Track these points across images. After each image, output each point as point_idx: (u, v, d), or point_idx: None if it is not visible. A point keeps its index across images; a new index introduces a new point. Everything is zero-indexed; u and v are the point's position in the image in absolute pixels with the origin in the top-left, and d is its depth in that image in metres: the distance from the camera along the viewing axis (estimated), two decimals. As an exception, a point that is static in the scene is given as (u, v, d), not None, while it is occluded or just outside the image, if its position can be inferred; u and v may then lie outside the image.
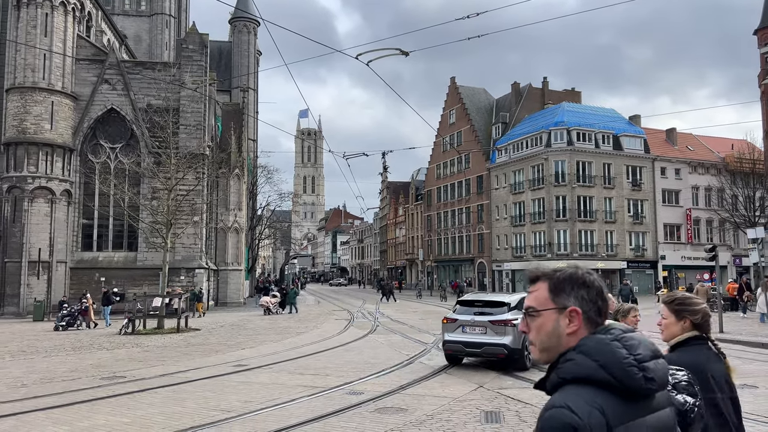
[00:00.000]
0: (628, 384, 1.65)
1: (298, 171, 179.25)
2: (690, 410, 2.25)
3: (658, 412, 1.74)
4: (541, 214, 55.39)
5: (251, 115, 55.69)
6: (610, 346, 1.71)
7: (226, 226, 43.39)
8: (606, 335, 1.75)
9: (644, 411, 1.69)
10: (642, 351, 1.73)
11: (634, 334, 1.80)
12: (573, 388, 1.67)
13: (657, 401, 1.75)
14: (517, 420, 8.40)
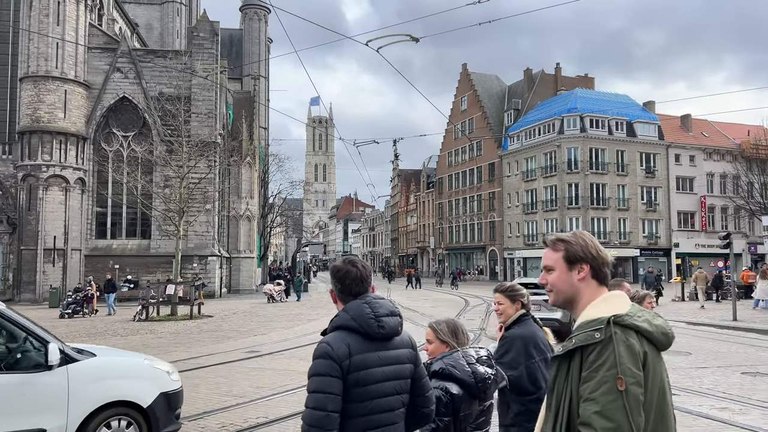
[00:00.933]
0: (366, 329, 2.64)
1: (310, 159, 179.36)
2: (487, 378, 3.09)
3: (395, 351, 2.72)
4: (553, 202, 55.08)
5: (262, 103, 55.71)
6: (361, 306, 2.70)
7: (238, 214, 43.60)
8: (361, 300, 2.74)
9: (380, 348, 2.67)
10: (382, 310, 2.70)
11: (381, 300, 2.76)
12: (335, 332, 2.69)
13: (395, 343, 2.74)
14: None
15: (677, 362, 12.10)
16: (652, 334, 1.97)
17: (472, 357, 3.16)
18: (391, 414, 2.72)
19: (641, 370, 1.89)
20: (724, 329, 17.89)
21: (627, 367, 1.86)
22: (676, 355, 12.93)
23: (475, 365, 3.12)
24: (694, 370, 11.28)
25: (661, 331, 2.00)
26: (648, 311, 2.06)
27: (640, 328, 1.96)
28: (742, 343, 15.03)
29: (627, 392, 1.83)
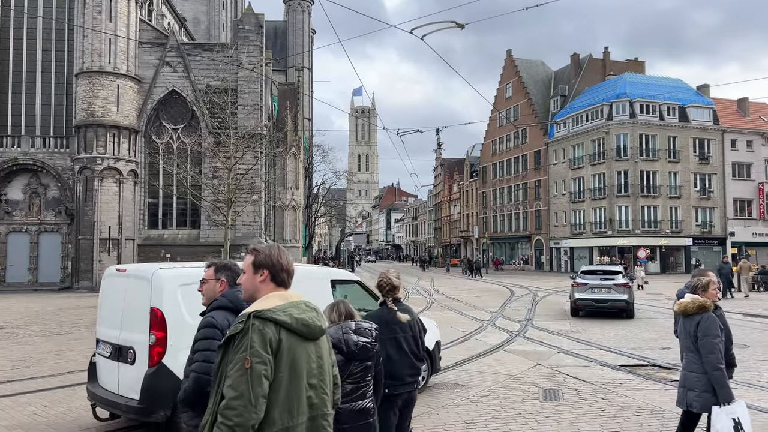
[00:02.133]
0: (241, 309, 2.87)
1: (352, 149, 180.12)
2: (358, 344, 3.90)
3: None
4: (601, 190, 53.79)
5: (306, 94, 56.18)
6: (236, 293, 3.72)
7: (284, 204, 44.24)
8: (235, 289, 3.78)
9: None
10: None
11: None
12: (217, 311, 3.86)
13: None
14: (577, 398, 8.28)
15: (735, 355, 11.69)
16: (291, 325, 2.48)
17: (349, 329, 3.97)
18: None
19: (270, 353, 2.41)
20: (784, 322, 17.16)
21: (256, 350, 2.38)
22: (734, 348, 12.48)
23: (349, 335, 3.94)
24: (753, 362, 10.90)
25: (302, 323, 2.52)
26: (300, 307, 2.56)
27: (278, 320, 2.46)
28: (804, 336, 14.40)
29: (252, 369, 2.36)
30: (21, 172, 37.00)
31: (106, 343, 6.76)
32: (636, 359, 11.32)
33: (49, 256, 35.80)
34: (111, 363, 6.60)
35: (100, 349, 6.91)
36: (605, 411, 7.60)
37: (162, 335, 6.06)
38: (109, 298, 7.07)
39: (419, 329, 5.01)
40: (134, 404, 6.07)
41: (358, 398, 3.92)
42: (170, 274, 6.48)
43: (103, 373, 6.83)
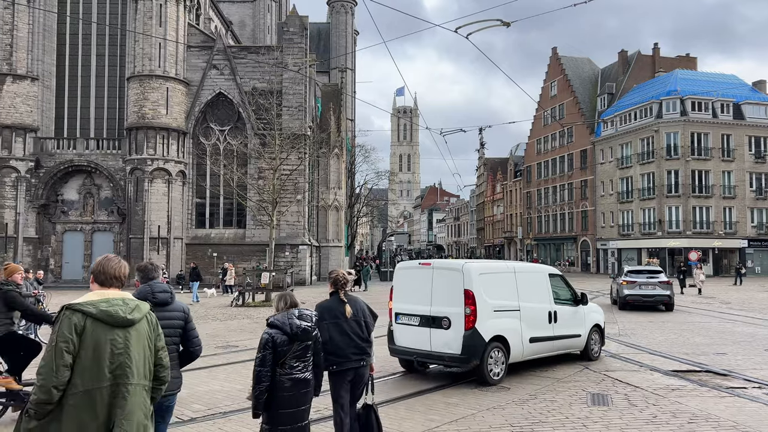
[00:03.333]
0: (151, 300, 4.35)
1: (394, 149, 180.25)
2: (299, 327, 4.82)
3: (171, 312, 4.63)
4: (650, 190, 52.27)
5: (349, 95, 56.57)
6: (145, 287, 4.70)
7: (327, 204, 44.66)
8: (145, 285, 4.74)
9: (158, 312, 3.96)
10: (157, 289, 4.65)
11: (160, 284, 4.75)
12: None
13: (172, 308, 4.68)
14: (627, 403, 8.06)
15: (794, 363, 11.18)
16: (95, 315, 3.24)
17: (293, 315, 4.92)
18: None
19: (73, 335, 3.16)
20: None
21: (61, 332, 3.16)
22: (793, 355, 11.95)
23: (293, 320, 4.88)
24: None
25: (106, 314, 3.27)
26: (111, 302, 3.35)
27: (84, 311, 3.23)
28: None
29: (55, 347, 3.13)
30: (76, 173, 38.48)
31: (412, 315, 9.55)
32: (689, 364, 10.94)
33: (102, 254, 37.02)
34: (422, 329, 9.37)
35: (402, 320, 9.73)
36: (657, 418, 7.37)
37: (473, 308, 8.97)
38: (409, 283, 9.86)
39: (363, 316, 5.90)
40: (456, 355, 8.98)
41: (300, 371, 4.87)
42: (474, 266, 9.48)
43: (408, 337, 9.59)
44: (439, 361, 9.43)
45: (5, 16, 36.61)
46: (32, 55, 37.54)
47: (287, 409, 4.78)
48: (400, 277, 10.15)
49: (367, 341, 5.88)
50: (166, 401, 4.63)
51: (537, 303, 10.12)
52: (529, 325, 9.79)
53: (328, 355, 5.53)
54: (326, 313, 5.78)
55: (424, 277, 9.57)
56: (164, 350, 3.59)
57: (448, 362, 9.34)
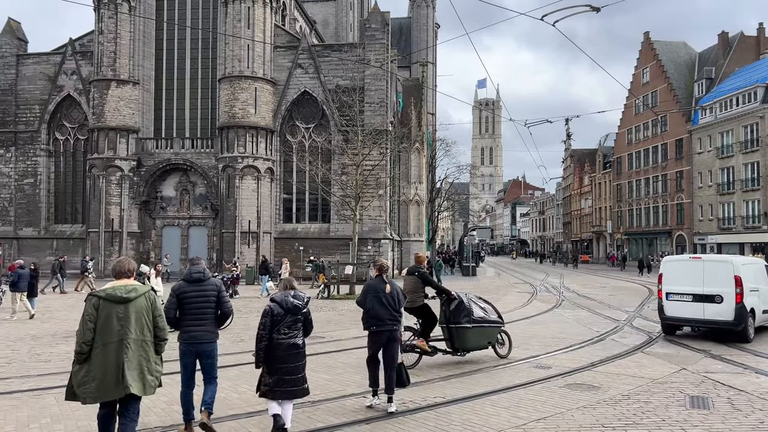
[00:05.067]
0: (188, 278, 6.69)
1: (476, 142, 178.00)
2: (292, 304, 6.47)
3: (205, 286, 6.66)
4: (754, 181, 48.59)
5: (430, 89, 56.41)
6: (186, 271, 6.88)
7: (408, 198, 44.81)
8: (188, 269, 6.88)
9: (197, 287, 6.62)
10: (194, 271, 6.70)
11: (196, 267, 6.79)
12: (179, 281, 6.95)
13: (206, 284, 6.67)
14: (730, 407, 7.60)
15: None
16: (104, 296, 5.27)
17: (289, 294, 6.56)
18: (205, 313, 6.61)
19: (93, 311, 5.22)
20: None
21: (86, 310, 5.25)
22: None
23: (288, 298, 6.50)
24: None
25: (110, 295, 5.26)
26: (117, 287, 5.34)
27: (98, 295, 5.31)
28: None
29: (83, 318, 5.22)
30: (173, 171, 40.78)
31: (685, 293, 13.50)
32: (800, 369, 10.14)
33: (198, 248, 39.06)
34: (694, 303, 13.33)
35: (676, 298, 13.69)
36: (764, 423, 6.90)
37: (741, 289, 12.86)
38: (679, 271, 14.11)
39: (398, 294, 7.92)
40: (730, 321, 12.87)
41: (291, 337, 6.44)
42: (740, 260, 14.34)
43: (682, 309, 13.57)
44: (710, 325, 13.43)
45: (110, 25, 39.28)
46: (133, 60, 40.07)
47: (282, 364, 6.35)
48: (669, 267, 14.44)
49: (399, 312, 7.88)
50: (208, 348, 6.62)
51: (765, 286, 14.17)
52: (763, 301, 13.85)
53: (370, 318, 7.77)
54: (371, 289, 7.89)
55: (695, 267, 13.96)
56: (161, 317, 5.55)
57: (719, 326, 13.20)
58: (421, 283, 9.96)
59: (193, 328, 6.49)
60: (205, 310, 6.54)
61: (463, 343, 10.27)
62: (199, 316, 6.52)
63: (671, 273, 14.18)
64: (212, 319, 6.61)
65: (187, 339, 6.51)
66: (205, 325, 6.52)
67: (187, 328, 6.51)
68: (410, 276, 10.11)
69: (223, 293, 6.75)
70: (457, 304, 10.31)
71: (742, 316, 12.84)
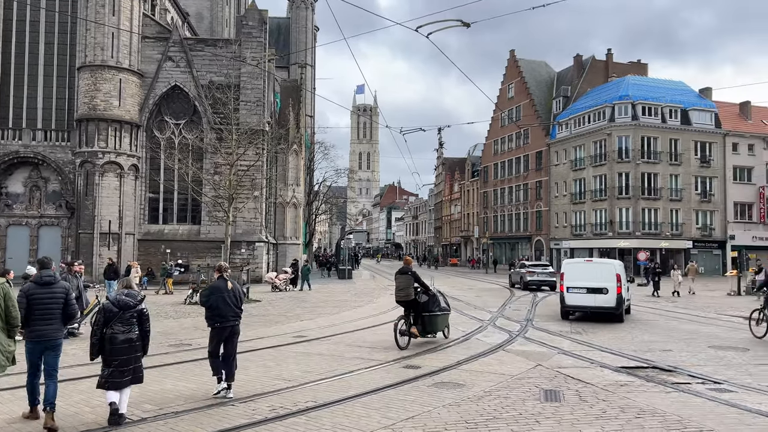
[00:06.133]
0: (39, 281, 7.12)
1: (354, 147, 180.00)
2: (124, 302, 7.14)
3: (55, 289, 7.14)
4: (602, 191, 53.76)
5: (309, 91, 56.13)
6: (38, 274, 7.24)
7: (285, 201, 44.21)
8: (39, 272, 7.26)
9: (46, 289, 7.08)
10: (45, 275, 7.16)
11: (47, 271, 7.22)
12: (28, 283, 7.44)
13: (55, 286, 7.16)
14: (578, 399, 8.26)
15: (734, 358, 11.69)
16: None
17: (122, 294, 7.21)
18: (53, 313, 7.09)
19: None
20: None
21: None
22: (733, 351, 12.49)
23: (121, 296, 7.15)
24: (752, 366, 10.88)
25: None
26: None
27: None
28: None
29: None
30: (21, 165, 36.98)
31: (581, 287, 17.59)
32: (636, 361, 11.29)
33: (49, 250, 35.60)
34: (587, 295, 17.50)
35: (574, 291, 17.80)
36: (606, 413, 7.57)
37: (620, 283, 17.29)
38: (577, 271, 18.31)
39: (238, 291, 8.74)
40: (610, 309, 17.27)
41: (125, 332, 7.01)
42: (617, 262, 19.92)
43: (578, 299, 17.73)
44: (599, 310, 17.59)
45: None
46: (-25, 40, 35.82)
47: (117, 356, 6.93)
48: (569, 268, 18.70)
49: (241, 309, 8.70)
50: (54, 343, 7.15)
51: (627, 281, 19.10)
52: (628, 292, 18.90)
53: (215, 316, 8.44)
54: (215, 290, 8.56)
55: (588, 267, 18.90)
56: (13, 307, 6.78)
57: (605, 310, 17.50)
58: (412, 281, 12.38)
59: (41, 327, 6.97)
60: (53, 311, 7.08)
61: (432, 327, 12.90)
62: (48, 316, 7.04)
63: (570, 272, 18.24)
64: (59, 319, 7.17)
65: (34, 337, 6.98)
66: (53, 324, 7.06)
67: (35, 327, 6.97)
68: (404, 275, 12.48)
69: (70, 296, 7.32)
70: (431, 296, 12.76)
71: (620, 302, 17.38)
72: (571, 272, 18.26)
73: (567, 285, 17.96)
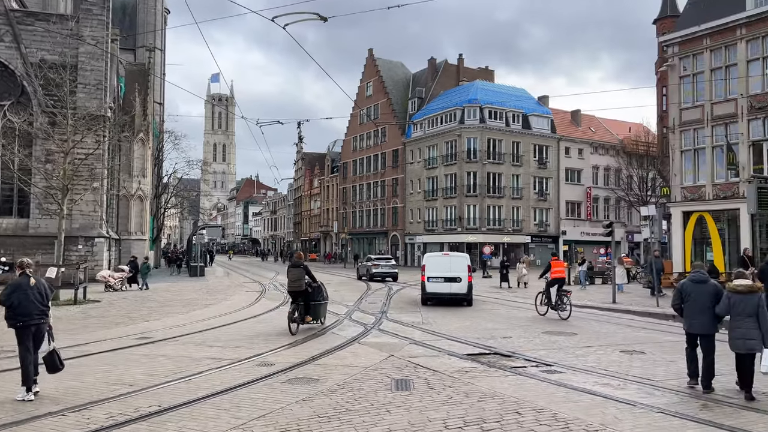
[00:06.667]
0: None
1: (208, 138, 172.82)
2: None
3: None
4: (453, 189, 56.75)
5: (158, 77, 52.73)
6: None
7: (129, 193, 41.18)
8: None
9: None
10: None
11: None
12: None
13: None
14: (426, 387, 8.58)
15: (563, 342, 12.89)
16: None
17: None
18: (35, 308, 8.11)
19: None
20: (605, 311, 19.29)
21: None
22: (563, 335, 13.78)
23: None
24: (578, 349, 12.05)
25: None
26: None
27: None
28: (620, 323, 16.27)
29: None
30: None
31: (440, 277, 20.23)
32: (480, 348, 12.02)
33: None
34: (445, 283, 20.25)
35: (434, 280, 20.28)
36: (452, 398, 7.95)
37: (470, 273, 20.72)
38: (436, 263, 20.71)
39: (45, 288, 8.38)
40: (463, 295, 20.28)
41: None
42: (466, 255, 23.10)
43: (437, 287, 20.31)
44: (454, 296, 20.25)
45: None
46: None
47: None
48: (429, 260, 20.94)
49: (47, 305, 8.35)
50: None
51: None
52: None
53: (17, 315, 8.05)
54: (16, 287, 8.19)
55: (445, 259, 21.25)
56: None
57: (459, 296, 20.23)
58: (304, 273, 14.08)
59: None
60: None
61: (317, 314, 14.60)
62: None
63: (430, 264, 20.65)
64: None
65: None
66: None
67: None
68: (296, 268, 14.21)
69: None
70: (317, 287, 14.56)
71: (470, 289, 20.51)
72: (431, 264, 20.55)
73: (428, 275, 20.26)
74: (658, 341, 12.99)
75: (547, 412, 7.21)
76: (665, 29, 37.53)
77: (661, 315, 17.28)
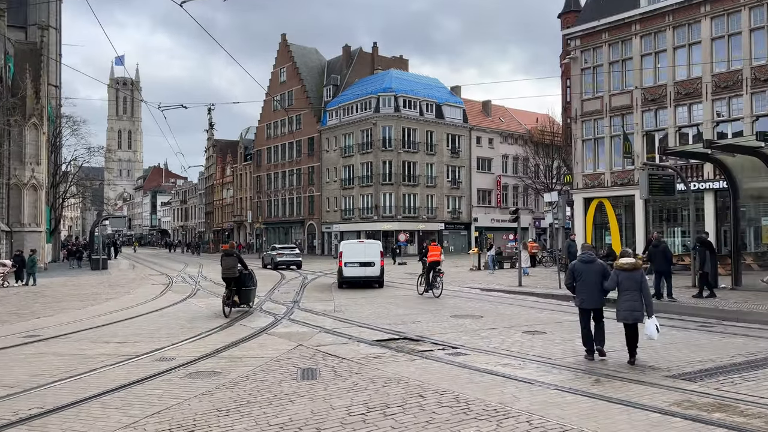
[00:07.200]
0: None
1: (112, 124, 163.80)
2: None
3: None
4: (369, 178, 56.91)
5: (52, 58, 49.08)
6: None
7: (21, 182, 38.19)
8: None
9: None
10: None
11: None
12: None
13: None
14: (333, 375, 8.49)
15: (470, 324, 13.21)
16: None
17: None
18: None
19: None
20: (511, 294, 19.99)
21: None
22: (470, 318, 14.12)
23: None
24: (484, 331, 12.38)
25: None
26: None
27: None
28: (524, 305, 16.91)
29: None
30: None
31: (356, 262, 22.07)
32: (390, 334, 12.07)
33: None
34: (360, 267, 22.09)
35: (350, 265, 22.02)
36: (357, 385, 7.90)
37: (382, 258, 22.84)
38: (352, 249, 22.75)
39: None
40: (377, 276, 22.33)
41: None
42: (379, 242, 24.89)
43: (353, 271, 22.04)
44: (368, 279, 21.95)
45: None
46: None
47: None
48: (346, 247, 22.98)
49: None
50: None
51: None
52: None
53: None
54: None
55: (360, 246, 23.02)
56: None
57: (373, 279, 22.04)
58: (237, 261, 15.40)
59: None
60: None
61: (247, 298, 15.83)
62: None
63: (347, 251, 22.48)
64: None
65: None
66: None
67: None
68: (230, 257, 15.43)
69: None
70: (248, 274, 15.75)
71: (382, 273, 22.54)
72: (348, 251, 22.47)
73: (345, 261, 22.00)
74: (558, 321, 13.59)
75: (449, 394, 7.31)
76: (569, 23, 39.25)
77: (563, 296, 18.13)
